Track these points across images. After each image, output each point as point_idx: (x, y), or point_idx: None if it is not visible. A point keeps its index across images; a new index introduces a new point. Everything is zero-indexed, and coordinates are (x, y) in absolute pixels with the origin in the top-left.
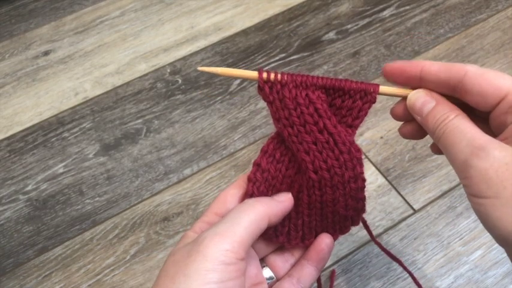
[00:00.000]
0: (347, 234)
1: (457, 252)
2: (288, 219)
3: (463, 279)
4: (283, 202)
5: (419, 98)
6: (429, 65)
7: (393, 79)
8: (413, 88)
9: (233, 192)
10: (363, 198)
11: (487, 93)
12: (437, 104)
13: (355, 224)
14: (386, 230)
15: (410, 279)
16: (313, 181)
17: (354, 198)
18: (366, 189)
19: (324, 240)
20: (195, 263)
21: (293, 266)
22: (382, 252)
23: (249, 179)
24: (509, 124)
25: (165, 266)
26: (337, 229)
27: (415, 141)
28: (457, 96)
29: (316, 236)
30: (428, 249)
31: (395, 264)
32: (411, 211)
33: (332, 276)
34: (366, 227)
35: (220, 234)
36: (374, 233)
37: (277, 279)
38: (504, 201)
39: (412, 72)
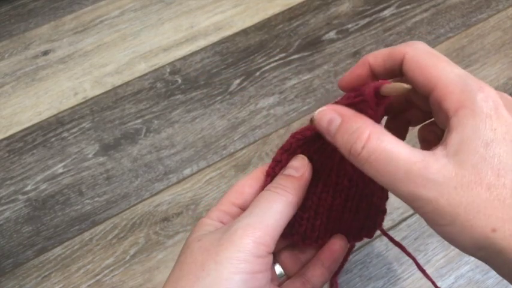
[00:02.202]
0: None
1: (457, 252)
2: (306, 219)
3: (464, 279)
4: (303, 177)
5: (323, 116)
6: (374, 58)
7: (351, 87)
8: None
9: (251, 183)
10: (384, 211)
11: (418, 82)
12: (344, 120)
13: (370, 236)
14: (386, 231)
15: (410, 279)
16: (344, 186)
17: (377, 209)
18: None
19: (338, 242)
20: (227, 252)
21: (304, 265)
22: (383, 253)
23: (268, 174)
24: (440, 124)
25: (191, 252)
26: (351, 236)
27: (416, 141)
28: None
29: (330, 237)
30: (428, 249)
31: (395, 265)
32: (411, 211)
33: (334, 275)
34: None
35: (254, 227)
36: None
37: (288, 277)
38: (460, 227)
39: (363, 72)
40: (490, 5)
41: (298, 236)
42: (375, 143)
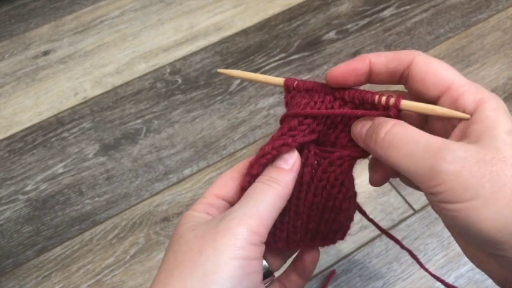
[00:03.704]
0: (347, 234)
1: (457, 252)
2: (286, 222)
3: (464, 279)
4: (293, 169)
5: (357, 123)
6: (376, 57)
7: (342, 82)
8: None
9: (234, 176)
10: (355, 209)
11: (430, 82)
12: (373, 121)
13: (343, 238)
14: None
15: (410, 279)
16: (327, 184)
17: (353, 206)
18: (365, 190)
19: (310, 255)
20: (224, 239)
21: (287, 258)
22: (383, 253)
23: (243, 187)
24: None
25: (185, 241)
26: (328, 239)
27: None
28: (403, 84)
29: (310, 240)
30: (428, 249)
31: (395, 265)
32: (411, 211)
33: (330, 276)
34: (368, 218)
35: (249, 216)
36: (374, 233)
37: (271, 272)
38: (485, 200)
39: (362, 67)
40: (490, 5)
41: (282, 242)
42: (398, 128)
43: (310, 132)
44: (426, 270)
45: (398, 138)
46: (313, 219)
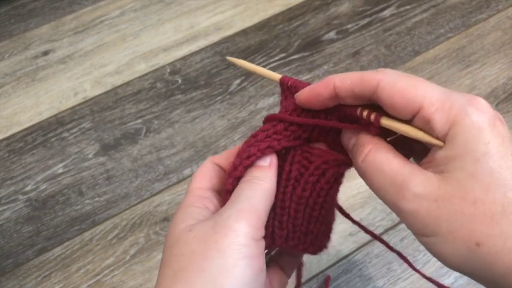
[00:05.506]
0: (347, 234)
1: None
2: (272, 218)
3: (464, 279)
4: (272, 164)
5: (344, 134)
6: (340, 81)
7: (310, 106)
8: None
9: (209, 167)
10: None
11: (399, 106)
12: (357, 138)
13: (327, 245)
14: (386, 230)
15: (410, 279)
16: (325, 179)
17: (334, 208)
18: (365, 190)
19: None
20: (226, 239)
21: (275, 252)
22: (383, 253)
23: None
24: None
25: (185, 244)
26: (317, 243)
27: None
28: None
29: (299, 239)
30: None
31: (395, 265)
32: None
33: (327, 282)
34: (361, 226)
35: (247, 211)
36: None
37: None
38: (442, 238)
39: (325, 93)
40: (490, 5)
41: (268, 239)
42: (372, 157)
43: (295, 138)
44: (418, 271)
45: (370, 169)
46: (301, 214)
